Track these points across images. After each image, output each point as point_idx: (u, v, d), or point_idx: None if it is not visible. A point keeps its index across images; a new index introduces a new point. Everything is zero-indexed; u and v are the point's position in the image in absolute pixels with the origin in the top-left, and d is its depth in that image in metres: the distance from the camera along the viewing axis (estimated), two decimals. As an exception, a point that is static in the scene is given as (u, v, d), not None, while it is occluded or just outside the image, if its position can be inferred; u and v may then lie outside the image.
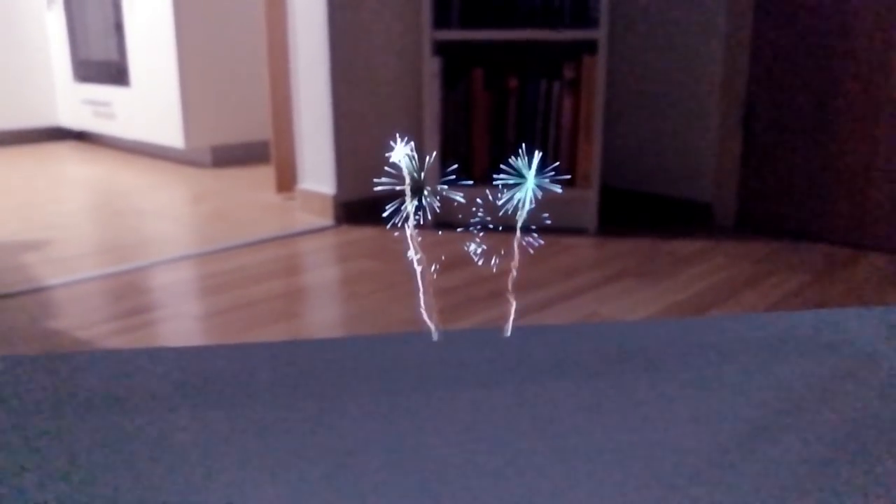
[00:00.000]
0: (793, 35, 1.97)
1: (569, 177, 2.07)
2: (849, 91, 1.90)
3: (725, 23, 2.07)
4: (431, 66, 2.04)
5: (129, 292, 1.65)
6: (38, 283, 1.69)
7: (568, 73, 2.03)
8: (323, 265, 1.90)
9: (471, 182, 0.47)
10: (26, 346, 1.34)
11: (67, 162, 3.45)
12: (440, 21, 2.06)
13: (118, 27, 3.29)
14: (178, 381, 0.40)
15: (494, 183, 0.45)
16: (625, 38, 2.27)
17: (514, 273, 0.44)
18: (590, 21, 2.02)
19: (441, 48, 2.07)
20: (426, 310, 0.45)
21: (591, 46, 2.00)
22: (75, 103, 3.79)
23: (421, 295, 0.45)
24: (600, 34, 1.97)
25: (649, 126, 2.29)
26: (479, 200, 0.47)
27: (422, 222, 0.46)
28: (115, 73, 3.41)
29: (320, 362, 0.43)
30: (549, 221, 0.46)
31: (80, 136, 4.12)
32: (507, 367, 0.43)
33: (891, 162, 1.86)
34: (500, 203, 0.45)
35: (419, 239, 0.44)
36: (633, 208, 2.33)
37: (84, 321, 1.46)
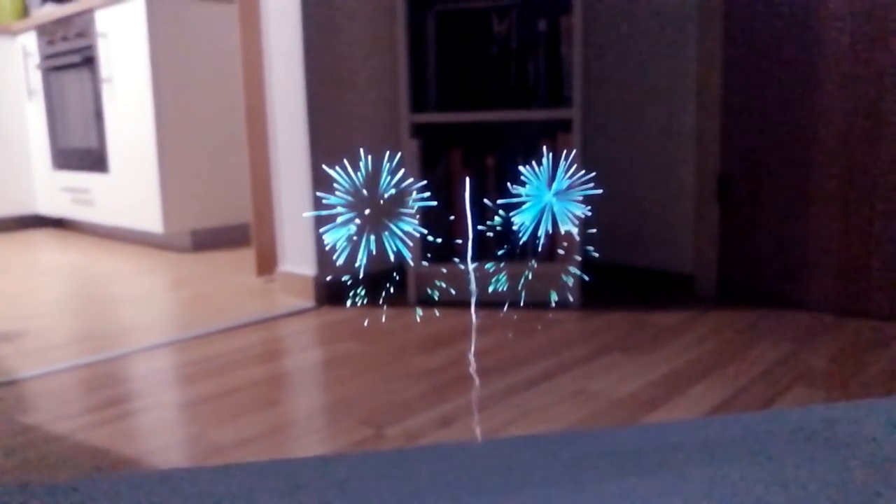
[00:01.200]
0: (763, 104, 2.04)
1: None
2: (823, 157, 1.95)
3: (696, 94, 2.14)
4: (410, 148, 2.07)
5: (107, 382, 1.60)
6: (13, 375, 1.64)
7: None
8: (305, 348, 1.88)
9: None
10: (0, 442, 1.29)
11: (45, 250, 3.42)
12: (418, 105, 2.10)
13: (98, 115, 3.33)
14: None
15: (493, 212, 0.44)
16: (598, 115, 2.34)
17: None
18: (563, 100, 2.08)
19: (419, 130, 2.11)
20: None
21: (565, 124, 2.05)
22: (54, 191, 3.79)
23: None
24: (574, 113, 2.02)
25: (627, 199, 2.33)
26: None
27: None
28: (94, 160, 3.43)
29: (320, 481, 0.41)
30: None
31: (58, 224, 4.10)
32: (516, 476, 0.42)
33: (870, 227, 1.90)
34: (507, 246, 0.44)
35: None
36: (615, 281, 2.34)
37: (60, 414, 1.41)
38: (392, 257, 0.42)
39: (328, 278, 2.20)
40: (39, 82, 3.73)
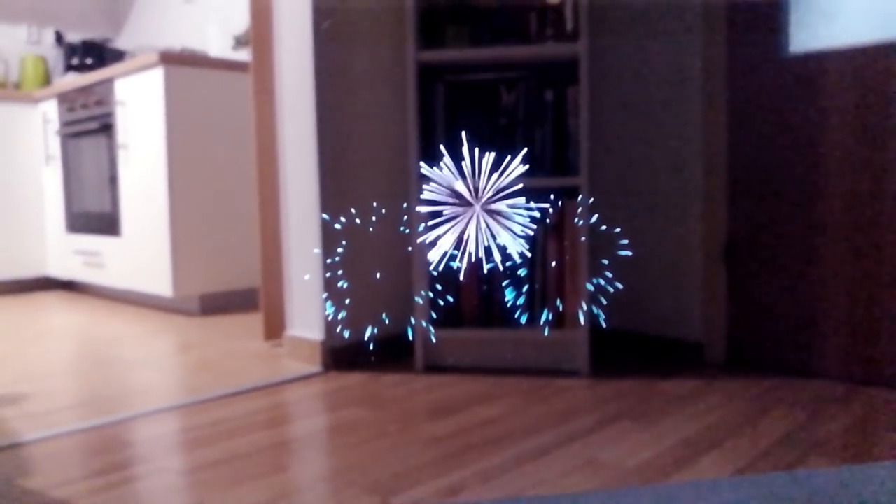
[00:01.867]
0: (770, 169, 2.06)
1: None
2: (830, 223, 1.96)
3: (701, 162, 2.17)
4: (421, 216, 2.09)
5: (110, 447, 1.59)
6: (14, 438, 1.62)
7: (551, 218, 2.09)
8: (311, 414, 1.86)
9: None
10: (-2, 509, 1.27)
11: (54, 312, 3.43)
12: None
13: (113, 180, 3.39)
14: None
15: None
16: (605, 182, 2.37)
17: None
18: (570, 168, 2.11)
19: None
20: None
21: (572, 192, 2.07)
22: (65, 253, 3.83)
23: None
24: (581, 181, 2.04)
25: (634, 267, 2.33)
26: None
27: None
28: (107, 223, 3.48)
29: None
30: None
31: (68, 286, 4.13)
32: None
33: (882, 293, 1.89)
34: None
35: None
36: (624, 349, 2.32)
37: (62, 479, 1.39)
38: (411, 332, 0.43)
39: (336, 343, 2.19)
40: (58, 148, 3.81)
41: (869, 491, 0.44)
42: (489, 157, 0.59)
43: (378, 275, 2.32)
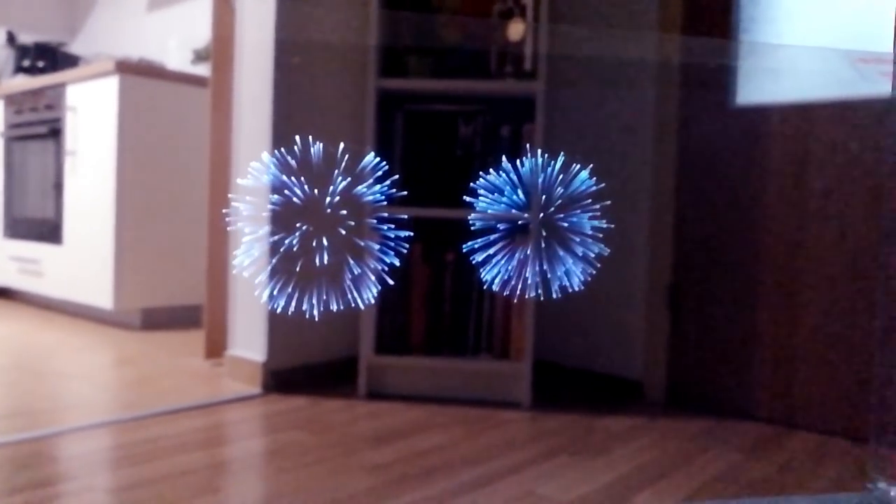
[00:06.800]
0: (712, 226, 2.13)
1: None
2: (767, 274, 2.03)
3: (649, 206, 2.23)
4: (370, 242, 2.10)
5: (36, 462, 1.53)
6: (-66, 450, 1.55)
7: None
8: (248, 436, 1.82)
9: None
10: (-90, 524, 1.21)
11: (-16, 319, 3.30)
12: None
13: (58, 186, 3.31)
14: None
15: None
16: (556, 220, 2.41)
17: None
18: (522, 204, 2.14)
19: (381, 223, 2.14)
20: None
21: (523, 228, 2.11)
22: (1, 259, 3.70)
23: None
24: (531, 216, 2.08)
25: (581, 304, 2.37)
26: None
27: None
28: (48, 230, 3.38)
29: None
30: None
31: (2, 293, 3.98)
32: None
33: (812, 341, 1.96)
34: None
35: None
36: (566, 383, 2.35)
37: (-19, 495, 1.34)
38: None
39: (277, 365, 2.16)
40: (1, 150, 3.70)
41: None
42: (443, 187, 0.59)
43: (324, 298, 2.31)
